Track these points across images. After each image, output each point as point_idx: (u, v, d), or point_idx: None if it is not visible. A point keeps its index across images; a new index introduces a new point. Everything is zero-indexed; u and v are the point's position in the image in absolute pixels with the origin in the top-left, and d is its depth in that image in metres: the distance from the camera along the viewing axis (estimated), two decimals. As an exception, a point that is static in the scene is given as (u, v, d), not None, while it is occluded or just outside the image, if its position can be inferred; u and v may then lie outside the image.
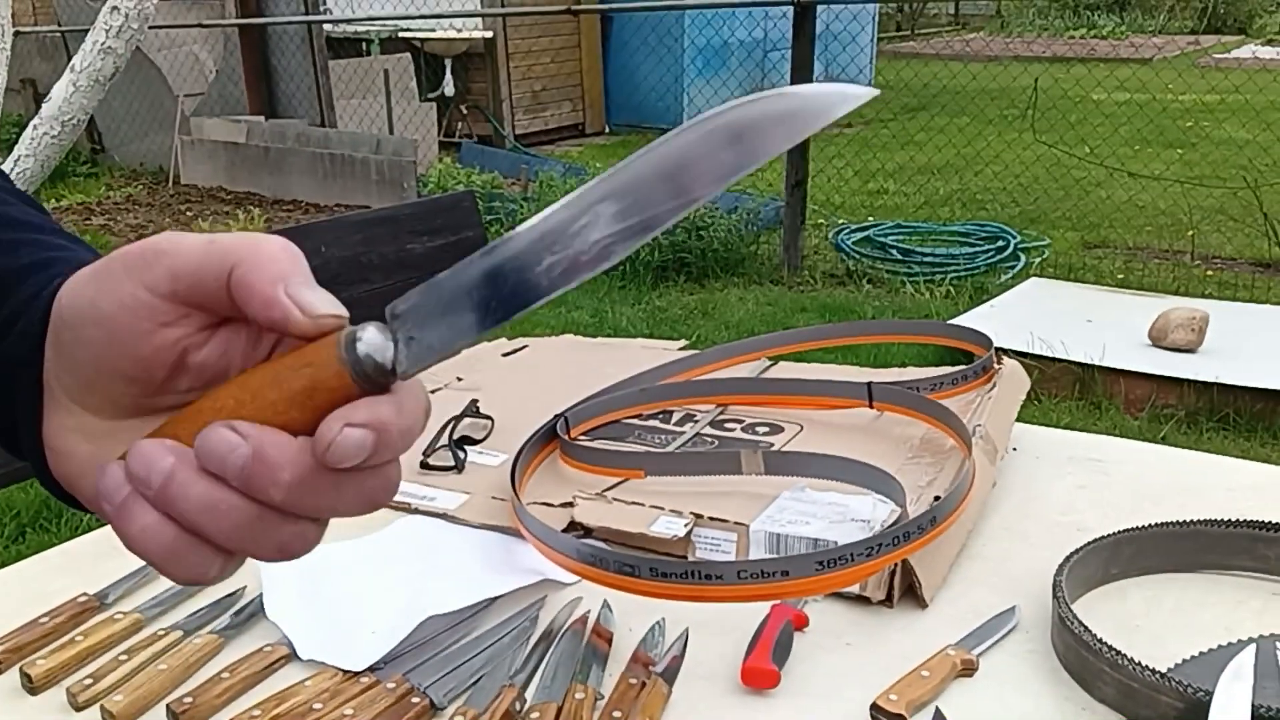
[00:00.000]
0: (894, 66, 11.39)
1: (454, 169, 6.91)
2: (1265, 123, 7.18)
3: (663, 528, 1.08)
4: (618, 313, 4.72)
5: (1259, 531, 1.05)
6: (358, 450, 0.42)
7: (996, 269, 5.21)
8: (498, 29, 8.93)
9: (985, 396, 1.32)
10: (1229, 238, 5.60)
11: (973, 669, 0.93)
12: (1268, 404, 3.38)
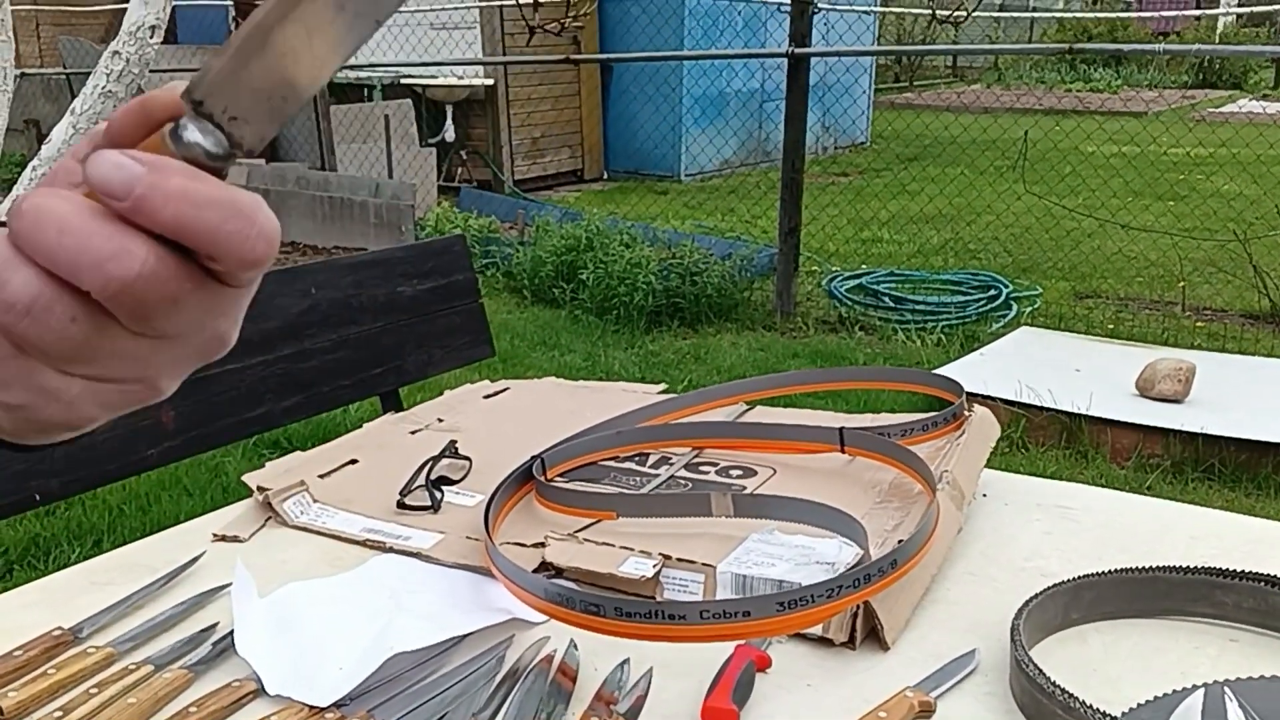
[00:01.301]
0: (890, 117, 11.51)
1: (452, 213, 6.97)
2: (1255, 176, 7.26)
3: (631, 568, 1.09)
4: (610, 356, 4.75)
5: (1217, 579, 1.07)
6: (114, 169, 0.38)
7: (988, 318, 5.25)
8: (498, 77, 9.04)
9: (954, 443, 1.34)
10: (1219, 289, 5.64)
11: (930, 711, 0.94)
12: (1253, 455, 3.40)
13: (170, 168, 0.39)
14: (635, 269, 5.24)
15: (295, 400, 2.16)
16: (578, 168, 9.95)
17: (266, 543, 1.25)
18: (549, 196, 8.91)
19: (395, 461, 1.38)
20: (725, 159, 10.02)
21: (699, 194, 8.76)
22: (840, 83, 10.32)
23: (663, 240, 5.91)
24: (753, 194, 8.04)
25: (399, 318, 2.35)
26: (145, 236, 0.38)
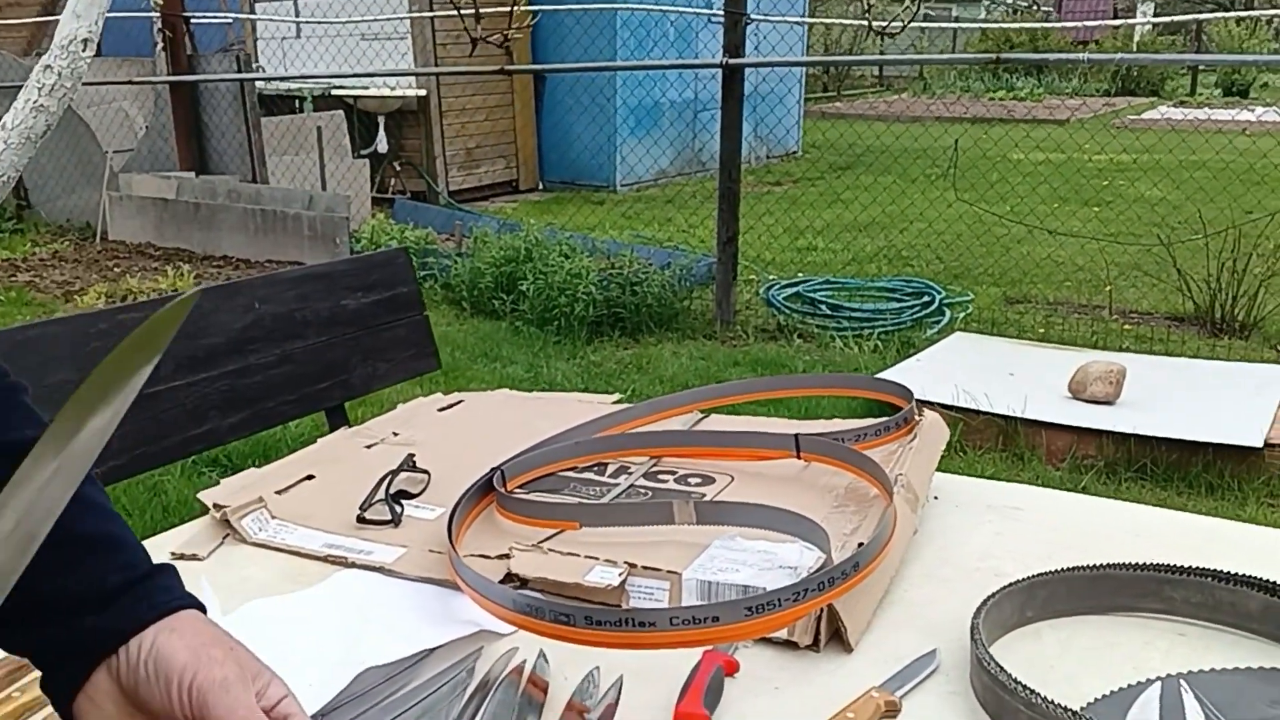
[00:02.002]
0: (821, 126, 11.65)
1: (387, 225, 6.92)
2: (1177, 182, 7.47)
3: (597, 577, 1.10)
4: (552, 368, 4.75)
5: (1165, 574, 1.11)
6: None
7: (922, 324, 5.33)
8: (431, 87, 9.00)
9: (906, 447, 1.37)
10: (1144, 293, 5.79)
11: (896, 710, 0.96)
12: (1183, 454, 3.49)
13: None
14: (575, 280, 5.25)
15: (240, 417, 2.13)
16: (513, 178, 9.93)
17: (226, 560, 1.24)
18: (485, 207, 8.88)
19: (352, 476, 1.38)
20: (661, 169, 10.07)
21: (635, 204, 8.79)
22: (774, 93, 10.43)
23: (602, 250, 5.92)
24: (689, 204, 8.08)
25: (343, 331, 2.34)
26: None
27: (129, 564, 0.66)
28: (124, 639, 0.62)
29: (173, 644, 0.62)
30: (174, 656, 0.62)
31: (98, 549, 0.65)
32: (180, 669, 0.61)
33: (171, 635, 0.63)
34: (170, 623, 0.64)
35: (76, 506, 0.60)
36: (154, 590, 0.66)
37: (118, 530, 0.67)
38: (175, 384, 2.00)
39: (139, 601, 0.64)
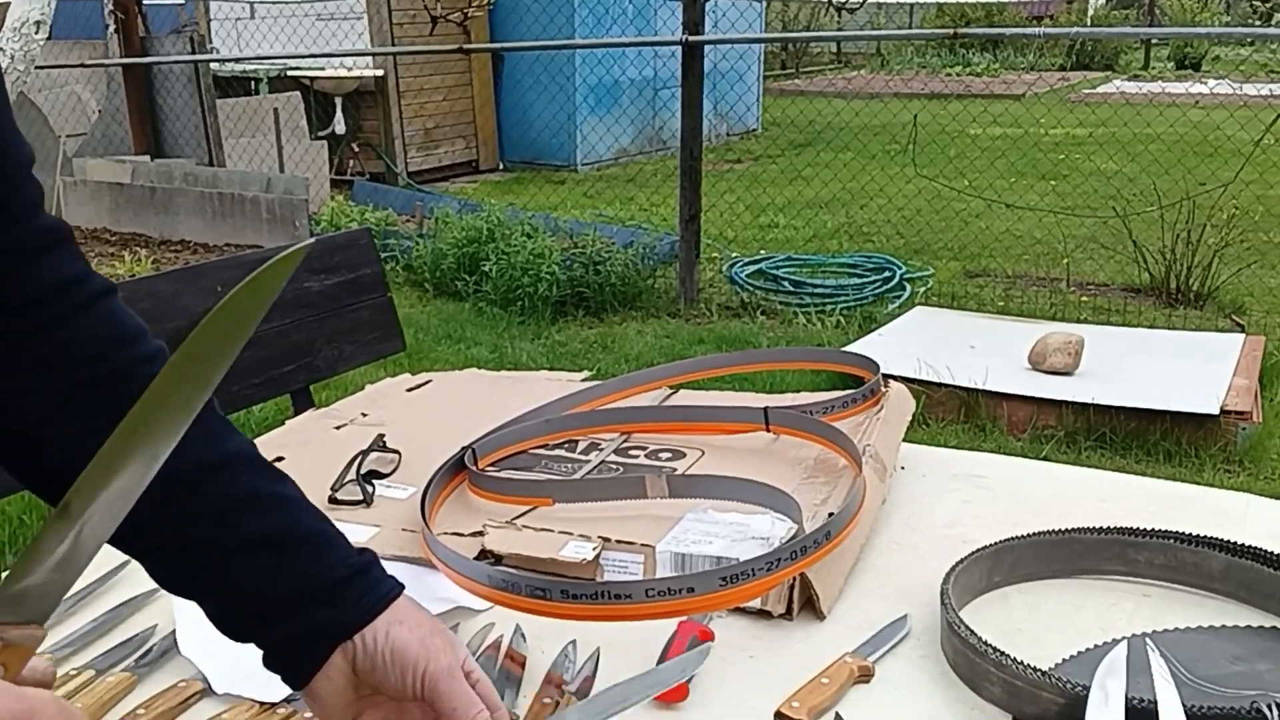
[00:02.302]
0: (780, 104, 11.67)
1: (347, 207, 6.86)
2: (1132, 155, 7.55)
3: (572, 552, 1.11)
4: (517, 348, 4.74)
5: (1129, 538, 1.13)
6: None
7: (883, 298, 5.37)
8: (388, 67, 8.92)
9: (874, 418, 1.38)
10: (1101, 265, 5.86)
11: (869, 675, 0.98)
12: (1141, 423, 3.54)
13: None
14: (538, 259, 5.23)
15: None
16: (473, 158, 9.87)
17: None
18: (445, 188, 8.82)
19: (322, 457, 1.38)
20: (621, 148, 10.04)
21: (597, 183, 8.77)
22: (734, 70, 10.42)
23: (564, 230, 5.91)
24: (650, 182, 8.08)
25: (307, 314, 2.32)
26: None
27: (344, 558, 0.72)
28: (357, 629, 0.70)
29: (404, 636, 0.70)
30: (408, 649, 0.70)
31: (317, 546, 0.72)
32: (414, 660, 0.69)
33: (401, 628, 0.71)
34: (396, 614, 0.72)
35: (292, 509, 0.73)
36: (374, 582, 0.73)
37: (327, 526, 0.74)
38: (138, 369, 1.98)
39: (365, 593, 0.71)
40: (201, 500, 0.70)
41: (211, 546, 0.71)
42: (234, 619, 0.73)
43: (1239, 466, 3.43)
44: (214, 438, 0.72)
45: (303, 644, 0.71)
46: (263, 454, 0.78)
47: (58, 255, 0.73)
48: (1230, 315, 5.04)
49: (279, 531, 0.71)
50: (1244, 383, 3.68)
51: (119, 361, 0.71)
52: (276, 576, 0.70)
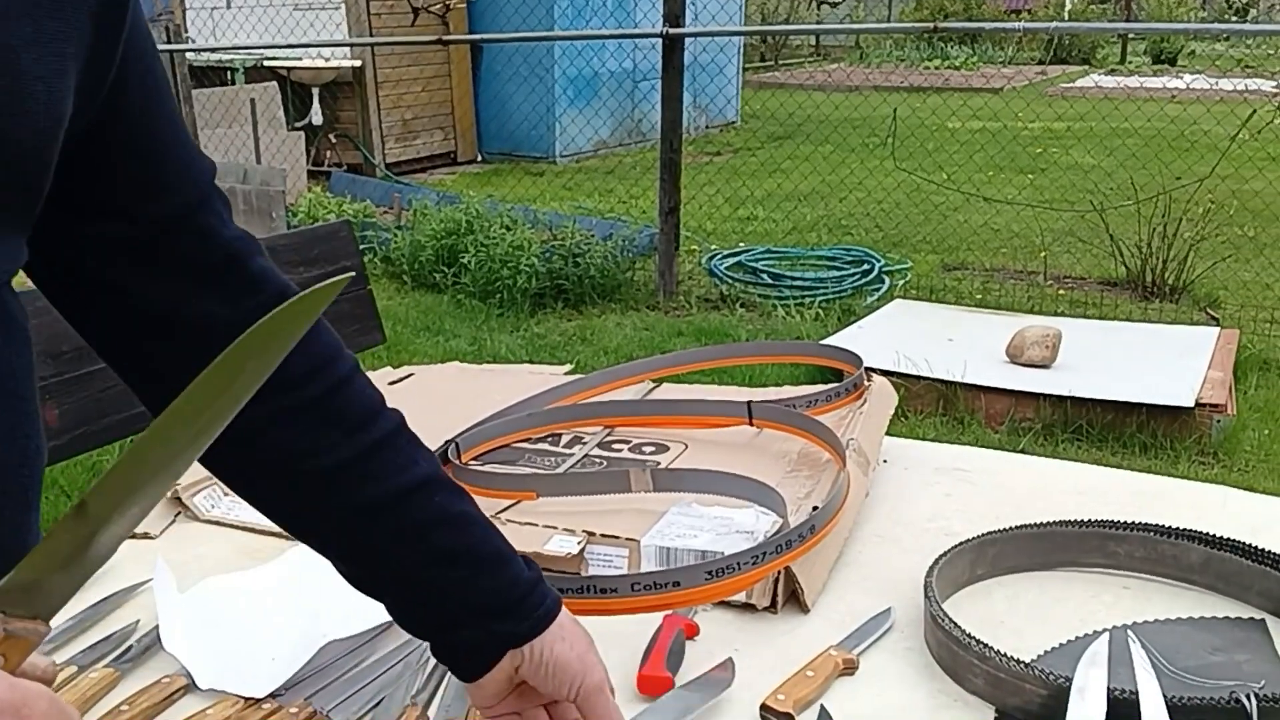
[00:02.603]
0: (760, 97, 11.67)
1: (324, 198, 6.83)
2: (1109, 149, 7.59)
3: (556, 546, 1.11)
4: (496, 340, 4.73)
5: (1109, 531, 1.14)
6: None
7: (862, 291, 5.38)
8: (366, 58, 8.87)
9: (857, 412, 1.39)
10: (1078, 258, 5.89)
11: (854, 668, 0.98)
12: (1118, 415, 3.57)
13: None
14: (517, 251, 5.22)
15: (183, 394, 2.11)
16: (451, 150, 9.83)
17: (179, 538, 1.23)
18: (423, 179, 8.78)
19: (305, 451, 1.37)
20: (600, 140, 10.03)
21: (576, 175, 8.75)
22: (714, 62, 10.41)
23: (544, 222, 5.89)
24: (630, 174, 8.07)
25: (288, 306, 2.31)
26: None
27: (518, 576, 0.79)
28: (528, 640, 0.78)
29: (566, 653, 0.78)
30: (569, 665, 0.78)
31: (497, 563, 0.79)
32: (573, 675, 0.78)
33: (563, 644, 0.78)
34: (559, 630, 0.79)
35: (476, 528, 0.79)
36: (540, 599, 0.79)
37: (504, 543, 0.80)
38: (116, 362, 1.97)
39: (534, 609, 0.78)
40: (397, 522, 0.77)
41: (404, 562, 0.78)
42: (417, 622, 0.82)
43: (1213, 459, 3.46)
44: (409, 462, 0.79)
45: (479, 650, 0.79)
46: None
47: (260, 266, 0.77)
48: (1205, 309, 5.08)
49: (466, 549, 0.78)
50: (1219, 376, 3.71)
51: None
52: (462, 590, 0.78)
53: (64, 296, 0.74)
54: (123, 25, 0.65)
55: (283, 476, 0.78)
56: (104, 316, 0.74)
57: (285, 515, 0.81)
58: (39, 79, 0.59)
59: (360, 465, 0.76)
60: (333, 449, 0.76)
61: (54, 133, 0.61)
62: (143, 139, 0.70)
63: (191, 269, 0.73)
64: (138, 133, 0.70)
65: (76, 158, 0.65)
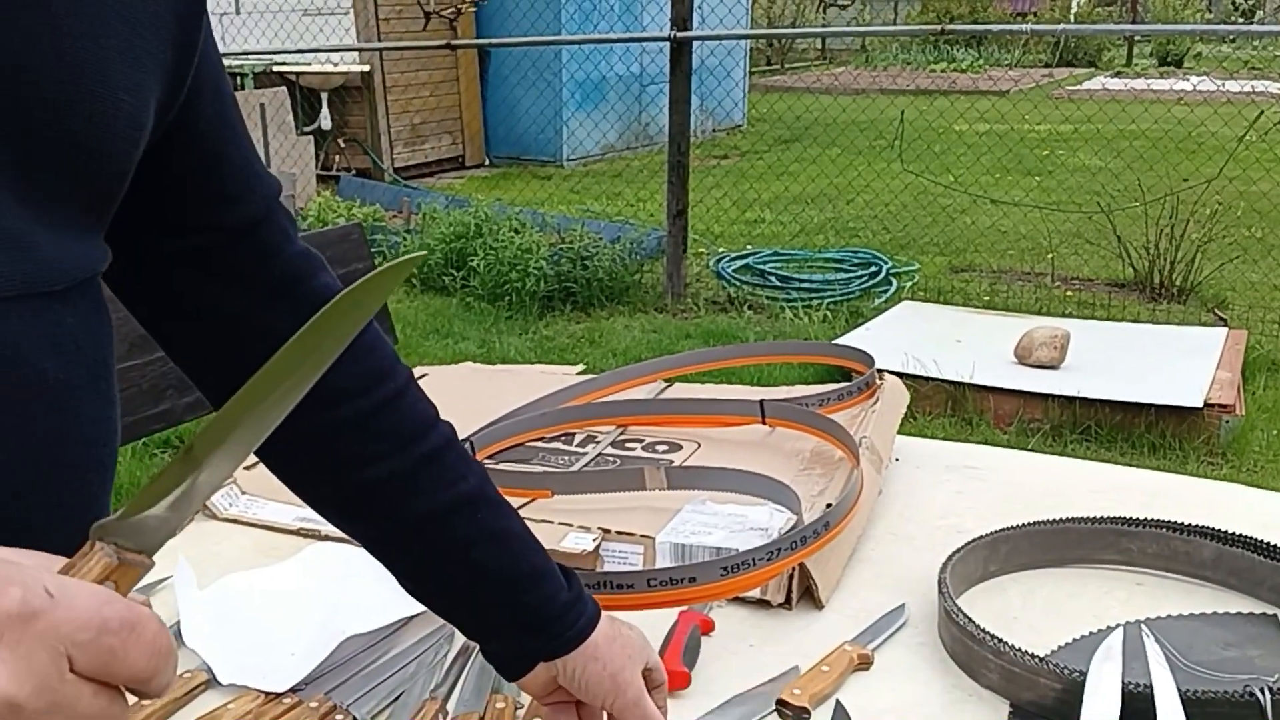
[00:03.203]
0: (767, 100, 11.68)
1: (334, 202, 6.85)
2: (1116, 151, 7.58)
3: (572, 543, 1.12)
4: (505, 343, 4.75)
5: (1121, 527, 1.15)
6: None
7: (870, 293, 5.39)
8: (375, 63, 8.89)
9: (869, 411, 1.40)
10: (1086, 260, 5.89)
11: (869, 663, 0.99)
12: (1126, 416, 3.57)
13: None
14: (526, 255, 5.23)
15: (196, 396, 2.10)
16: (459, 154, 9.85)
17: (198, 536, 1.24)
18: (431, 184, 8.81)
19: (321, 450, 1.38)
20: (608, 143, 10.04)
21: (583, 179, 8.77)
22: (722, 65, 10.41)
23: (552, 225, 5.91)
24: (637, 178, 8.08)
25: (300, 309, 2.33)
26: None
27: (553, 595, 0.81)
28: (560, 656, 0.80)
29: (598, 673, 0.80)
30: (600, 685, 0.80)
31: (536, 581, 0.81)
32: (604, 694, 0.80)
33: (595, 664, 0.80)
34: (591, 650, 0.81)
35: (516, 544, 0.81)
36: (575, 619, 0.81)
37: (544, 560, 0.82)
38: (131, 363, 1.98)
39: (566, 629, 0.80)
40: (440, 537, 0.79)
41: (445, 574, 0.81)
42: (462, 628, 0.85)
43: (1222, 459, 3.46)
44: (456, 478, 0.81)
45: (513, 660, 0.82)
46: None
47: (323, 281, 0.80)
48: (1213, 309, 5.08)
49: (503, 567, 0.80)
50: (1227, 376, 3.71)
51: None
52: (497, 606, 0.81)
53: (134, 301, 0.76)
54: (195, 51, 0.69)
55: (333, 484, 0.80)
56: (172, 323, 0.77)
57: (335, 519, 0.83)
58: (127, 90, 0.62)
59: (408, 479, 0.79)
60: (383, 461, 0.78)
61: (136, 143, 0.64)
62: (210, 153, 0.73)
63: (253, 281, 0.76)
64: (206, 147, 0.72)
65: (145, 167, 0.68)
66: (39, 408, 0.59)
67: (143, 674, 0.44)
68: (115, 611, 0.43)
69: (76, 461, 0.63)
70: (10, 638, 0.41)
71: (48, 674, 0.41)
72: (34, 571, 0.43)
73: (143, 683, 0.44)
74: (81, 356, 0.62)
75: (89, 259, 0.63)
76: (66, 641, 0.42)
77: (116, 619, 0.43)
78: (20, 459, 0.58)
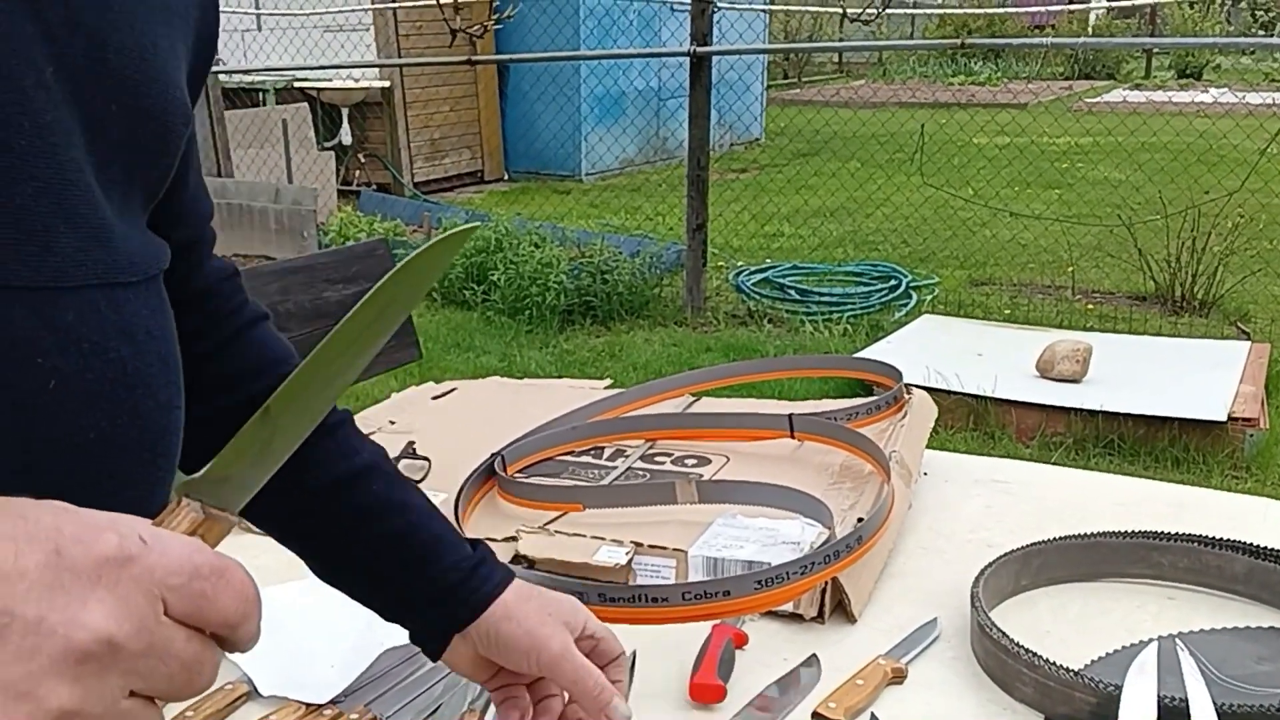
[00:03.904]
0: (786, 114, 11.70)
1: (355, 217, 6.89)
2: (1136, 163, 7.57)
3: (605, 556, 1.13)
4: (526, 356, 4.76)
5: (1152, 541, 1.15)
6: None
7: (890, 307, 5.39)
8: (394, 79, 8.95)
9: (898, 425, 1.40)
10: (1107, 273, 5.88)
11: (903, 676, 0.99)
12: (1149, 429, 3.56)
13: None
14: (546, 269, 5.26)
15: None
16: (478, 169, 9.90)
17: (235, 549, 1.24)
18: (450, 198, 8.85)
19: (353, 464, 1.39)
20: (627, 158, 10.08)
21: (602, 193, 8.80)
22: (741, 80, 10.44)
23: (571, 240, 5.93)
24: (656, 192, 8.10)
25: (326, 324, 2.35)
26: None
27: (457, 561, 0.80)
28: (466, 625, 0.79)
29: (511, 631, 0.78)
30: (516, 643, 0.78)
31: (434, 551, 0.80)
32: (524, 651, 0.78)
33: (508, 623, 0.78)
34: (503, 609, 0.79)
35: (412, 515, 0.81)
36: (480, 583, 0.79)
37: (443, 529, 0.82)
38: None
39: (472, 594, 0.79)
40: (336, 509, 0.80)
41: (346, 550, 0.81)
42: (380, 610, 0.84)
43: (1246, 473, 3.44)
44: (350, 451, 0.81)
45: (427, 636, 0.81)
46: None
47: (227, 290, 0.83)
48: (1235, 323, 5.06)
49: (403, 537, 0.80)
50: (1251, 389, 3.70)
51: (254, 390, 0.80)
52: (402, 578, 0.80)
53: None
54: (212, 59, 0.71)
55: None
56: None
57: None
58: (178, 86, 0.64)
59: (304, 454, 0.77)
60: None
61: (184, 138, 0.67)
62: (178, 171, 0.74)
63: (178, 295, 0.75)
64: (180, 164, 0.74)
65: None
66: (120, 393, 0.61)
67: (233, 618, 0.46)
68: (206, 559, 0.45)
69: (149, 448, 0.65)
70: (108, 579, 0.42)
71: (144, 615, 0.43)
72: (128, 520, 0.45)
73: (232, 628, 0.46)
74: (155, 345, 0.64)
75: (157, 254, 0.65)
76: (161, 585, 0.43)
77: (207, 565, 0.45)
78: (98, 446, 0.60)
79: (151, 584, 0.43)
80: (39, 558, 0.42)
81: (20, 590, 0.41)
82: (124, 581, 0.43)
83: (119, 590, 0.42)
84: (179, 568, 0.44)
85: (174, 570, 0.44)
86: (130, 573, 0.43)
